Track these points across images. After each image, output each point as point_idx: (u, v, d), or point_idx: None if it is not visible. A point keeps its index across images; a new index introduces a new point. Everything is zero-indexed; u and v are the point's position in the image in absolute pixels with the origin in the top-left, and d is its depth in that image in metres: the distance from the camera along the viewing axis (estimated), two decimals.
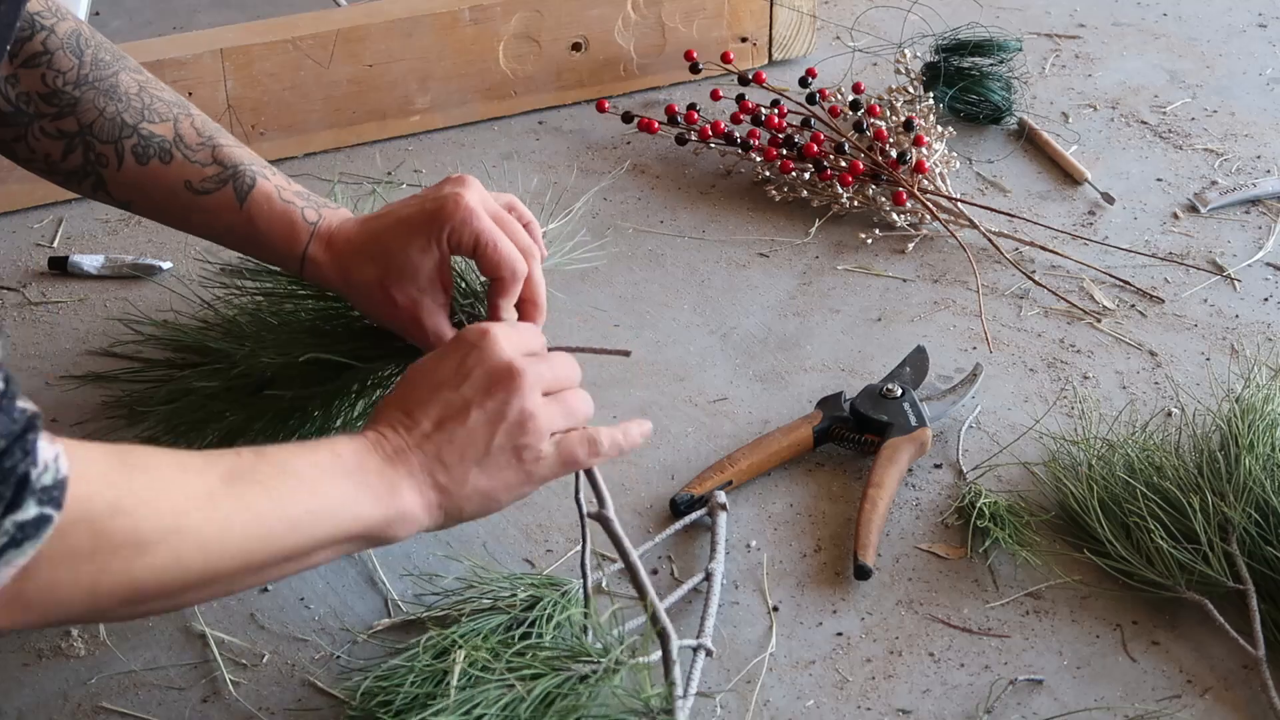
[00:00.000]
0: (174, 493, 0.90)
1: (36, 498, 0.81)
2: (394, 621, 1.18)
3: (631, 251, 1.58)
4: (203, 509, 0.91)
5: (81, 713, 1.12)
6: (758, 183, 1.66)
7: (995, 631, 1.18)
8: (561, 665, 1.05)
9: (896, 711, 1.12)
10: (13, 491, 0.80)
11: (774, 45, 1.86)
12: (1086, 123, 1.78)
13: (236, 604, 1.20)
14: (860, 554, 1.21)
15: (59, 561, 0.84)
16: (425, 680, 1.06)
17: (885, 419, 1.31)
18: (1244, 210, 1.64)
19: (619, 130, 1.75)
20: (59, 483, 0.82)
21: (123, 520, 0.86)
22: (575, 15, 1.75)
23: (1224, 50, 1.91)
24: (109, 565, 0.87)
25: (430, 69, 1.71)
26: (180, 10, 1.97)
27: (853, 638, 1.18)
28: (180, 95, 1.23)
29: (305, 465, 0.98)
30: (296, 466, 0.98)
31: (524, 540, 1.25)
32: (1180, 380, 1.41)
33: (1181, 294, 1.52)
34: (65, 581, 0.85)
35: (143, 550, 0.88)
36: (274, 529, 0.95)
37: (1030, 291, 1.52)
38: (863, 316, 1.49)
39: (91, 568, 0.86)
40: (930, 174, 1.60)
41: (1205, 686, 1.14)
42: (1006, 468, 1.32)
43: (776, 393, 1.40)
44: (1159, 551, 1.18)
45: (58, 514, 0.82)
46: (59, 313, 1.48)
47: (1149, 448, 1.26)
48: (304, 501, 0.97)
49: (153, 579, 0.89)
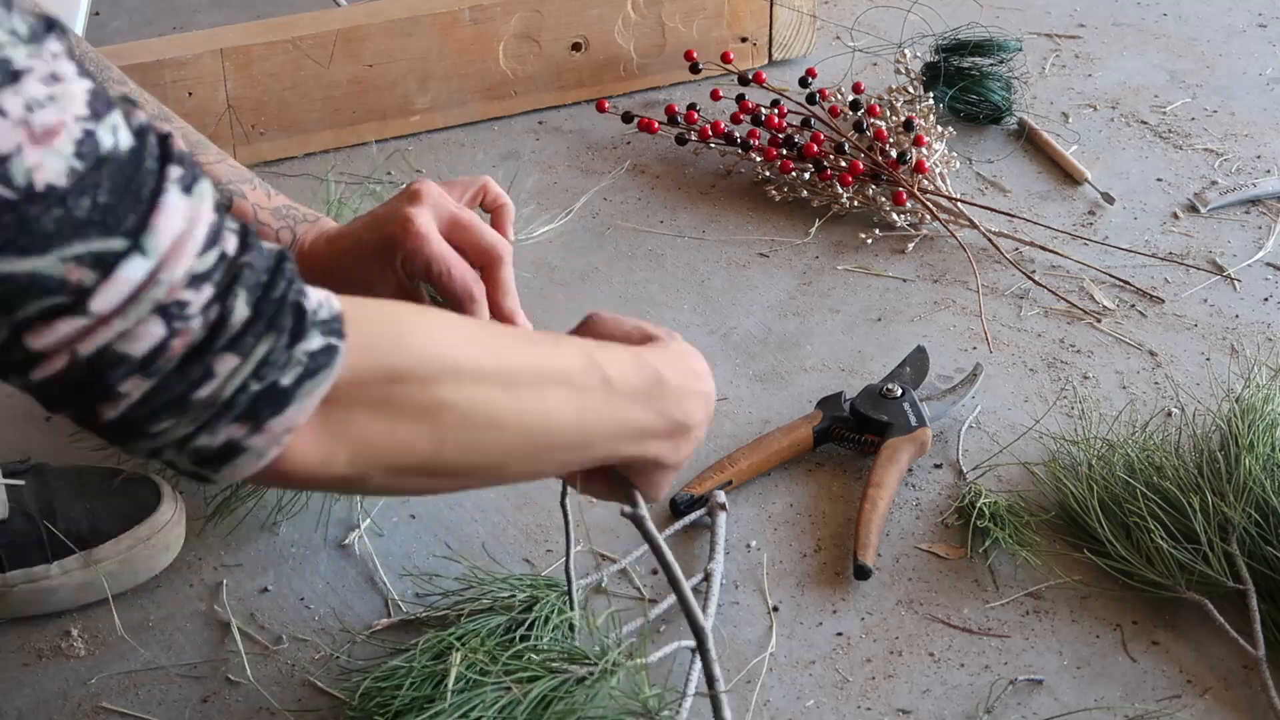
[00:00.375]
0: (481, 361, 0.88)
1: (320, 328, 0.80)
2: (393, 622, 1.18)
3: (631, 251, 1.58)
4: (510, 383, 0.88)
5: (81, 713, 1.12)
6: (758, 183, 1.66)
7: (995, 631, 1.18)
8: (558, 667, 1.05)
9: (896, 711, 1.12)
10: (293, 320, 0.79)
11: (774, 45, 1.86)
12: (1086, 123, 1.78)
13: (236, 604, 1.20)
14: (860, 554, 1.21)
15: (356, 406, 0.82)
16: (424, 682, 1.06)
17: (885, 419, 1.31)
18: (1244, 210, 1.64)
19: (619, 130, 1.75)
20: (335, 316, 0.81)
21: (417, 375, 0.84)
22: (575, 15, 1.75)
23: (1224, 50, 1.91)
24: (405, 414, 0.84)
25: (430, 69, 1.71)
26: (180, 10, 1.98)
27: (853, 638, 1.18)
28: (164, 107, 1.21)
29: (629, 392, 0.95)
30: (617, 384, 0.95)
31: (524, 540, 1.25)
32: (1180, 380, 1.41)
33: (1181, 294, 1.52)
34: (369, 428, 0.83)
35: (441, 409, 0.85)
36: (569, 428, 0.92)
37: (1030, 291, 1.52)
38: (863, 316, 1.49)
39: (388, 414, 0.84)
40: (930, 174, 1.60)
41: (1205, 686, 1.14)
42: (1006, 468, 1.32)
43: (776, 393, 1.40)
44: (1159, 551, 1.18)
45: (343, 343, 0.80)
46: None
47: (1149, 448, 1.26)
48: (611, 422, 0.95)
49: (453, 441, 0.87)
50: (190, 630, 1.18)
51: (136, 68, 1.59)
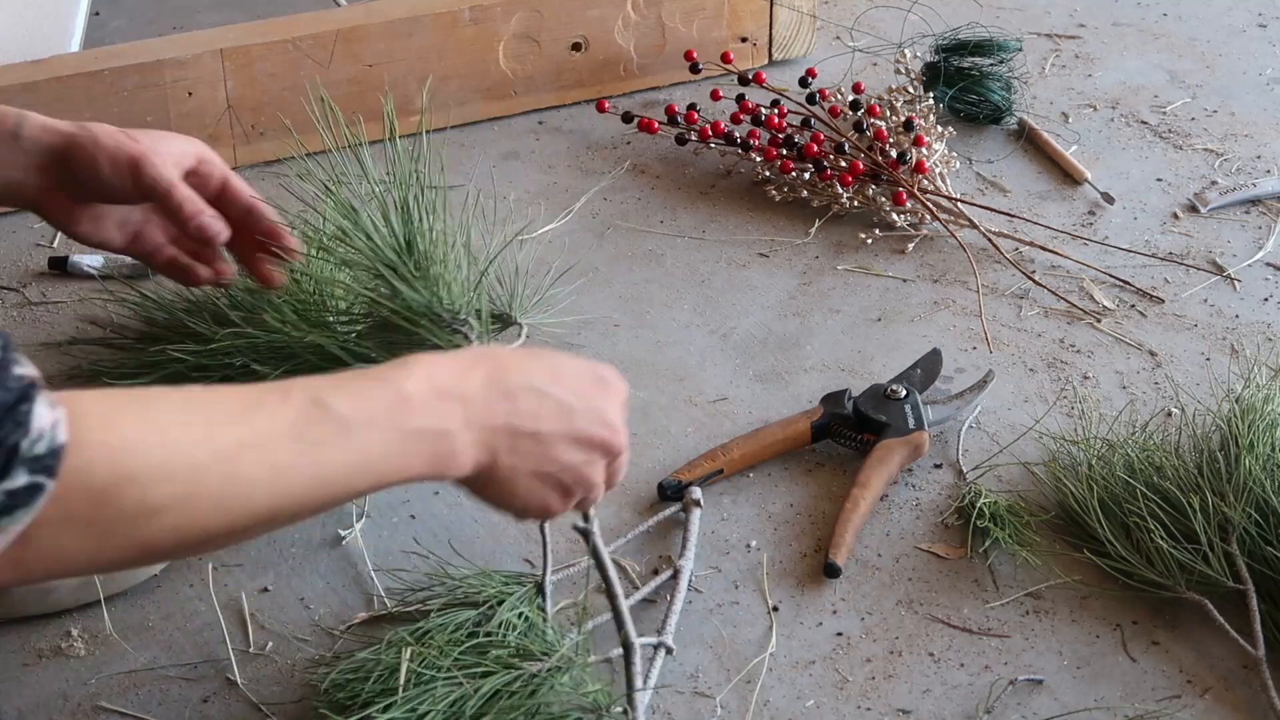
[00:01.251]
0: (194, 454, 0.87)
1: (27, 466, 0.80)
2: (368, 617, 1.18)
3: (631, 251, 1.58)
4: (225, 469, 0.88)
5: (81, 713, 1.12)
6: (758, 183, 1.66)
7: (995, 631, 1.18)
8: (513, 663, 1.05)
9: (896, 711, 1.12)
10: (3, 460, 0.80)
11: (774, 45, 1.86)
12: (1086, 123, 1.78)
13: (237, 604, 1.20)
14: (832, 552, 1.21)
15: (61, 527, 0.83)
16: (390, 675, 1.07)
17: (884, 419, 1.31)
18: (1244, 210, 1.64)
19: (619, 130, 1.75)
20: (53, 451, 0.81)
21: (130, 488, 0.84)
22: (575, 15, 1.75)
23: (1224, 50, 1.91)
24: (115, 530, 0.85)
25: (430, 69, 1.71)
26: (180, 10, 1.97)
27: (853, 638, 1.18)
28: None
29: (360, 418, 0.93)
30: (349, 419, 0.92)
31: (524, 540, 1.25)
32: (1180, 380, 1.41)
33: (1181, 294, 1.52)
34: (69, 545, 0.84)
35: (153, 515, 0.85)
36: (305, 486, 0.91)
37: (1030, 291, 1.52)
38: (863, 316, 1.49)
39: (95, 532, 0.84)
40: (930, 174, 1.60)
41: (1205, 686, 1.14)
42: (1006, 468, 1.32)
43: (776, 393, 1.40)
44: (1159, 551, 1.18)
45: (51, 482, 0.81)
46: (59, 312, 1.48)
47: (1149, 448, 1.26)
48: (346, 457, 0.93)
49: (163, 540, 0.87)
50: (190, 630, 1.18)
51: (136, 68, 1.59)
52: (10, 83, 1.56)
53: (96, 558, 0.86)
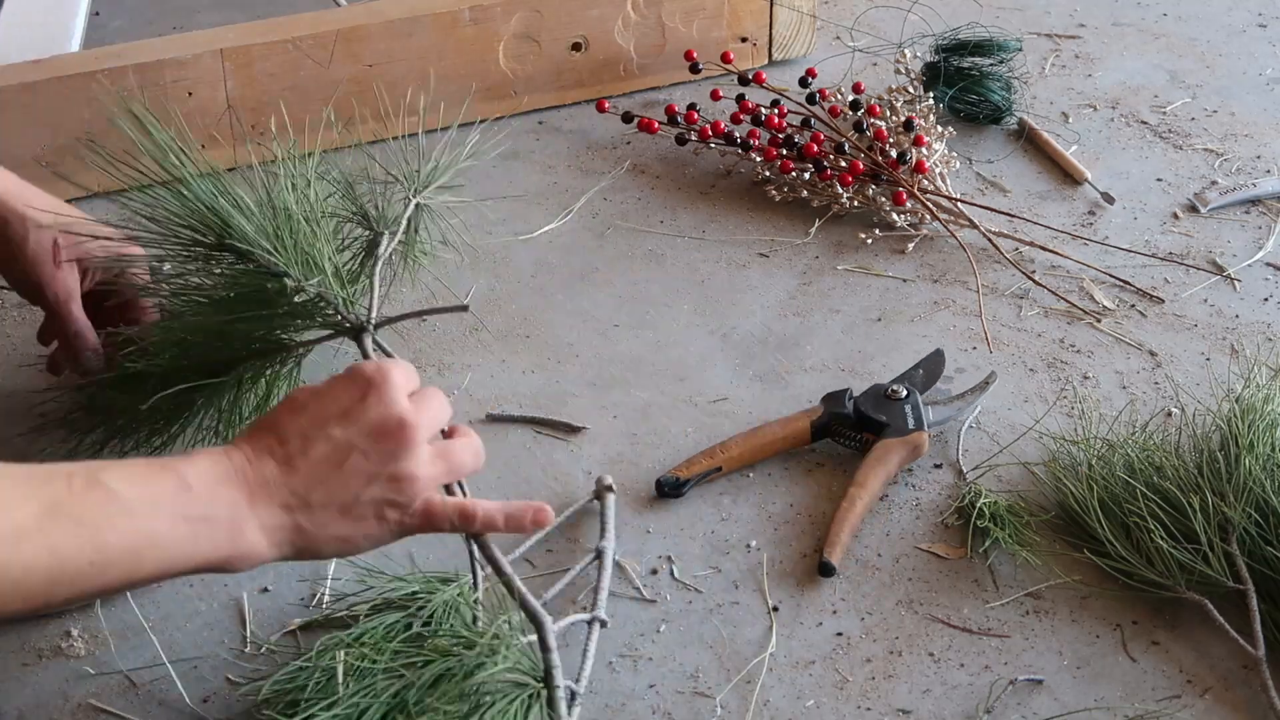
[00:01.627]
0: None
1: None
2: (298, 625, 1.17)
3: (631, 251, 1.58)
4: (6, 549, 0.88)
5: (81, 713, 1.12)
6: (758, 183, 1.66)
7: (995, 631, 1.18)
8: (448, 652, 1.05)
9: (896, 711, 1.12)
10: None
11: (774, 45, 1.86)
12: (1086, 123, 1.78)
13: (237, 604, 1.20)
14: (826, 551, 1.21)
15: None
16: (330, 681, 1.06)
17: (883, 419, 1.31)
18: (1244, 210, 1.64)
19: (619, 130, 1.75)
20: None
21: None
22: (575, 15, 1.75)
23: (1224, 50, 1.91)
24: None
25: (430, 69, 1.71)
26: (180, 10, 1.97)
27: (853, 638, 1.18)
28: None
29: (142, 500, 0.94)
30: (131, 500, 0.94)
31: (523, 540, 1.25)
32: (1180, 380, 1.41)
33: (1181, 294, 1.52)
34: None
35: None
36: (83, 570, 0.92)
37: (1030, 291, 1.52)
38: (863, 316, 1.49)
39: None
40: (930, 174, 1.60)
41: (1205, 686, 1.14)
42: (1006, 468, 1.32)
43: (776, 393, 1.40)
44: (1159, 551, 1.18)
45: None
46: None
47: (1149, 448, 1.26)
48: (128, 540, 0.93)
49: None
50: (190, 630, 1.18)
51: (136, 68, 1.59)
52: (10, 83, 1.56)
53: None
